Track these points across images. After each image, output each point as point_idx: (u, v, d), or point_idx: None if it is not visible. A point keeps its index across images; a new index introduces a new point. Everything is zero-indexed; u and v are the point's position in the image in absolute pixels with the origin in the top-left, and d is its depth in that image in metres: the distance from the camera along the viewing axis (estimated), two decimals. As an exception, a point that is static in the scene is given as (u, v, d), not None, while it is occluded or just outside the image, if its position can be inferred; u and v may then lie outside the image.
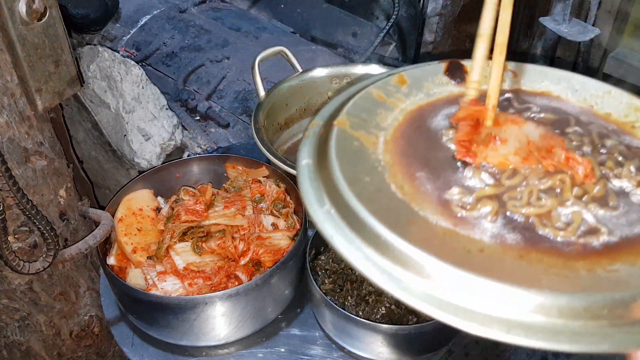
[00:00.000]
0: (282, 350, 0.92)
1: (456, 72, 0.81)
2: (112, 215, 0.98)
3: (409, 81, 0.78)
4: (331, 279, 0.97)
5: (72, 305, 1.11)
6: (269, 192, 1.02)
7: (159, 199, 1.05)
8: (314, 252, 0.99)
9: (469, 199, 0.62)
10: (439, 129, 0.73)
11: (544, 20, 1.70)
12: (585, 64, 2.03)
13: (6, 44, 0.80)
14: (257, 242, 0.93)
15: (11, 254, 0.84)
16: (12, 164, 0.87)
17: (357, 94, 0.75)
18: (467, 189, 0.63)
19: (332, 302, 0.86)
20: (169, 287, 0.88)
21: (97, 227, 0.95)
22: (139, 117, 1.46)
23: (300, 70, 1.24)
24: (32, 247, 0.94)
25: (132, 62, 1.47)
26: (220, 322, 0.87)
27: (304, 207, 0.61)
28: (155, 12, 1.78)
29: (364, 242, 0.56)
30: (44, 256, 0.89)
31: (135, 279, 0.91)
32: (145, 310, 0.89)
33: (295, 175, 1.00)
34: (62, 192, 0.98)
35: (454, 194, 0.62)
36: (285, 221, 0.98)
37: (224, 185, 1.07)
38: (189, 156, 1.30)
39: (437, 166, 0.67)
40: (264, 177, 1.05)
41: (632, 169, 0.66)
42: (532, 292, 0.50)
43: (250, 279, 0.89)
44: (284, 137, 1.27)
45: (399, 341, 0.86)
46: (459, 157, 0.68)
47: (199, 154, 1.37)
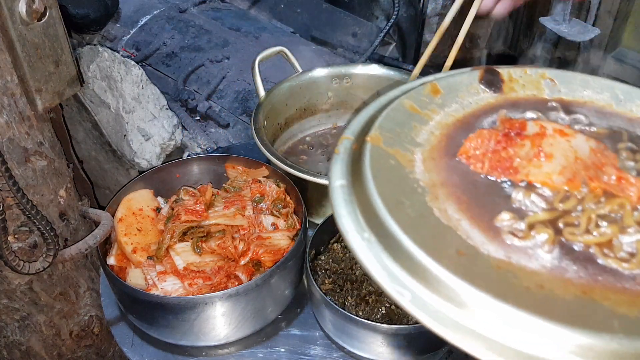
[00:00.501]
0: (282, 350, 0.92)
1: (492, 80, 0.75)
2: (112, 215, 0.98)
3: (443, 91, 0.73)
4: (331, 279, 0.97)
5: (72, 305, 1.11)
6: (269, 192, 1.02)
7: (159, 199, 1.05)
8: (314, 252, 0.99)
9: (521, 225, 0.56)
10: None
11: (544, 20, 1.70)
12: (585, 64, 2.03)
13: (6, 44, 0.80)
14: (257, 242, 0.93)
15: (11, 254, 0.84)
16: (12, 164, 0.87)
17: (388, 106, 0.69)
18: (518, 214, 0.57)
19: (332, 302, 0.86)
20: (169, 287, 0.88)
21: (97, 227, 0.95)
22: (139, 117, 1.46)
23: (300, 70, 1.24)
24: (32, 247, 0.94)
25: (132, 62, 1.47)
26: (220, 322, 0.87)
27: (340, 233, 0.58)
28: (155, 12, 1.78)
29: (410, 276, 0.50)
30: (44, 256, 0.89)
31: (135, 279, 0.91)
32: (145, 310, 0.89)
33: (294, 175, 1.01)
34: (62, 192, 0.98)
35: (505, 220, 0.56)
36: (285, 221, 0.98)
37: (224, 185, 1.07)
38: (189, 156, 1.30)
39: (481, 187, 0.61)
40: (264, 177, 1.05)
41: None
42: (605, 338, 0.44)
43: (250, 279, 0.89)
44: (284, 137, 1.27)
45: (399, 341, 0.86)
46: (488, 172, 0.62)
47: (199, 154, 1.37)
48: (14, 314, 1.04)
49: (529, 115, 0.70)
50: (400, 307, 0.50)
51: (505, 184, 0.61)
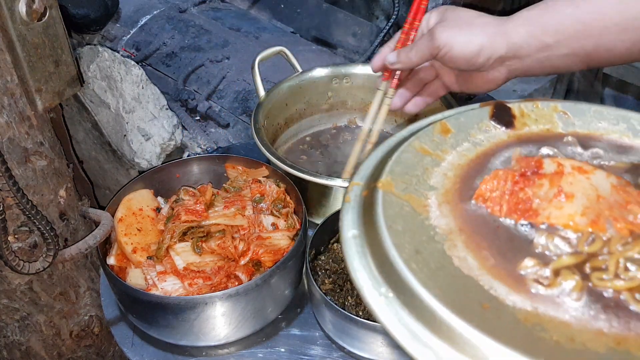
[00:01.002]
0: (282, 350, 0.92)
1: (504, 117, 0.72)
2: (112, 215, 0.98)
3: (453, 130, 0.70)
4: (331, 279, 0.97)
5: (72, 305, 1.11)
6: (269, 192, 1.02)
7: (159, 199, 1.05)
8: (314, 252, 0.99)
9: (546, 272, 0.53)
10: None
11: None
12: (585, 64, 2.02)
13: (6, 44, 0.80)
14: (257, 242, 0.93)
15: (11, 254, 0.84)
16: (12, 164, 0.87)
17: (398, 148, 0.66)
18: (542, 259, 0.54)
19: (332, 302, 0.86)
20: (169, 287, 0.88)
21: (97, 227, 0.95)
22: (139, 117, 1.46)
23: (300, 70, 1.24)
24: (32, 247, 0.94)
25: (132, 62, 1.47)
26: (220, 322, 0.87)
27: (356, 288, 0.56)
28: (155, 12, 1.79)
29: (433, 334, 0.48)
30: (44, 256, 0.89)
31: (135, 279, 0.90)
32: (145, 310, 0.89)
33: (294, 175, 1.01)
34: (62, 192, 0.98)
35: (529, 267, 0.54)
36: (285, 221, 0.98)
37: (224, 185, 1.07)
38: (189, 156, 1.30)
39: (501, 231, 0.58)
40: (264, 177, 1.05)
41: None
42: None
43: (250, 279, 0.89)
44: (284, 137, 1.27)
45: (399, 341, 0.86)
46: (507, 215, 0.59)
47: (199, 154, 1.37)
48: (14, 314, 1.04)
49: (545, 151, 0.67)
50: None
51: (525, 227, 0.58)
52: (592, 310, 0.50)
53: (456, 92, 0.96)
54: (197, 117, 1.56)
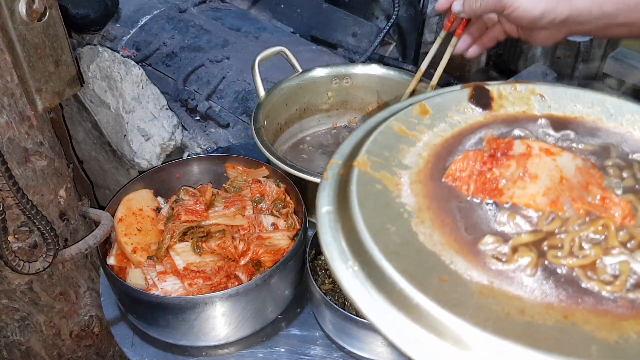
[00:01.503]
0: (282, 350, 0.92)
1: (481, 98, 0.74)
2: (112, 215, 0.98)
3: (432, 111, 0.72)
4: (331, 279, 0.97)
5: (72, 305, 1.11)
6: (269, 192, 1.02)
7: (159, 199, 1.05)
8: (314, 252, 0.99)
9: (505, 249, 0.55)
10: None
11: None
12: (585, 64, 2.03)
13: (6, 44, 0.80)
14: (257, 242, 0.93)
15: (11, 254, 0.84)
16: (12, 164, 0.87)
17: (376, 129, 0.68)
18: (502, 237, 0.56)
19: (332, 302, 0.86)
20: (169, 287, 0.88)
21: (97, 227, 0.95)
22: (139, 117, 1.46)
23: (300, 70, 1.24)
24: (32, 247, 0.94)
25: (132, 62, 1.47)
26: (220, 322, 0.87)
27: (326, 261, 0.59)
28: (155, 12, 1.78)
29: (392, 305, 0.50)
30: (44, 256, 0.89)
31: (135, 279, 0.91)
32: (145, 310, 0.89)
33: (294, 175, 1.01)
34: (62, 192, 0.98)
35: (488, 244, 0.56)
36: (285, 221, 0.98)
37: (224, 185, 1.07)
38: (189, 156, 1.30)
39: (466, 209, 0.60)
40: (264, 177, 1.05)
41: None
42: None
43: (250, 279, 0.89)
44: (284, 137, 1.27)
45: (399, 341, 0.86)
46: (474, 194, 0.61)
47: (199, 154, 1.37)
48: (14, 314, 1.04)
49: (516, 133, 0.69)
50: (386, 339, 0.49)
51: (490, 206, 0.60)
52: (544, 285, 0.52)
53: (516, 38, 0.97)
54: (197, 117, 1.56)
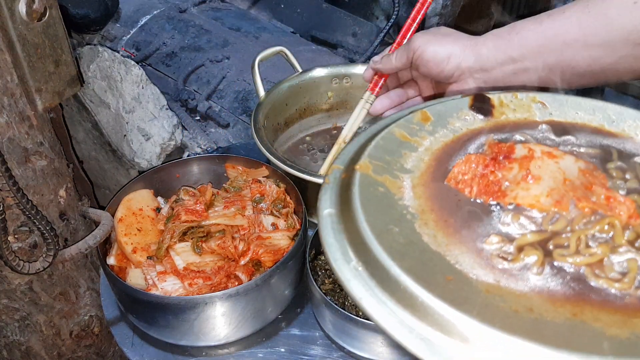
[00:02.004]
0: (282, 350, 0.92)
1: (482, 106, 0.75)
2: (112, 215, 0.98)
3: (433, 117, 0.73)
4: (331, 279, 0.97)
5: (72, 305, 1.11)
6: (269, 192, 1.02)
7: (159, 199, 1.05)
8: (314, 252, 0.99)
9: (510, 248, 0.56)
10: None
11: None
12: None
13: (6, 44, 0.80)
14: (257, 242, 0.93)
15: (11, 254, 0.84)
16: (12, 164, 0.87)
17: (378, 134, 0.69)
18: (507, 237, 0.57)
19: (332, 302, 0.86)
20: (169, 287, 0.88)
21: (97, 227, 0.95)
22: (139, 117, 1.46)
23: (300, 70, 1.24)
24: (32, 247, 0.94)
25: (132, 62, 1.47)
26: (220, 322, 0.87)
27: (328, 262, 0.58)
28: (155, 12, 1.79)
29: (397, 303, 0.50)
30: (44, 256, 0.89)
31: (135, 279, 0.90)
32: (145, 310, 0.89)
33: (294, 175, 1.01)
34: (62, 192, 0.98)
35: (493, 243, 0.56)
36: (285, 221, 0.98)
37: (224, 185, 1.07)
38: (189, 156, 1.30)
39: (470, 211, 0.61)
40: (264, 177, 1.05)
41: None
42: None
43: (250, 279, 0.89)
44: (284, 137, 1.27)
45: (399, 341, 0.86)
46: (477, 196, 0.61)
47: (199, 154, 1.37)
48: (14, 314, 1.04)
49: (517, 138, 0.70)
50: (391, 337, 0.49)
51: (494, 207, 0.61)
52: (552, 283, 0.52)
53: None
54: (197, 117, 1.56)
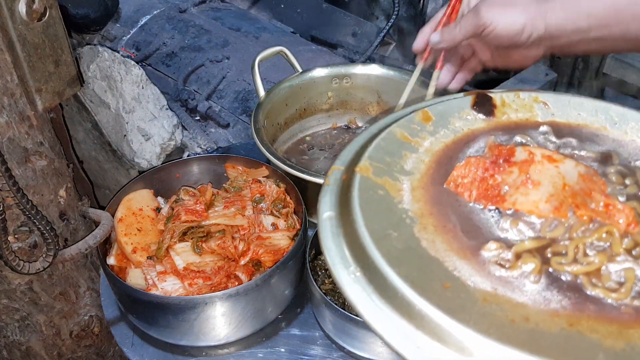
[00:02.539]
0: (282, 350, 0.92)
1: (484, 106, 0.74)
2: (112, 215, 0.98)
3: (434, 117, 0.72)
4: (331, 279, 0.97)
5: (72, 305, 1.11)
6: (269, 192, 1.02)
7: (159, 199, 1.05)
8: (314, 252, 0.99)
9: (508, 255, 0.55)
10: None
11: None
12: (585, 63, 2.03)
13: (6, 44, 0.80)
14: (257, 242, 0.93)
15: (11, 254, 0.84)
16: (12, 164, 0.87)
17: (379, 135, 0.68)
18: (505, 243, 0.56)
19: (332, 302, 0.86)
20: (169, 287, 0.88)
21: (97, 227, 0.95)
22: (139, 117, 1.46)
23: (300, 70, 1.24)
24: (32, 247, 0.94)
25: (132, 62, 1.47)
26: (220, 322, 0.87)
27: (327, 266, 0.59)
28: (155, 12, 1.79)
29: (394, 310, 0.49)
30: (44, 256, 0.89)
31: (135, 279, 0.91)
32: (145, 310, 0.89)
33: (294, 175, 1.01)
34: (62, 192, 0.98)
35: (492, 250, 0.56)
36: (285, 221, 0.98)
37: (224, 185, 1.07)
38: (189, 156, 1.30)
39: (469, 216, 0.60)
40: (264, 177, 1.05)
41: None
42: None
43: (250, 279, 0.89)
44: (284, 137, 1.27)
45: (399, 341, 0.86)
46: (476, 201, 0.61)
47: (199, 154, 1.37)
48: (14, 314, 1.04)
49: (518, 139, 0.69)
50: (388, 345, 0.49)
51: (492, 212, 0.60)
52: (549, 292, 0.52)
53: (492, 69, 0.98)
54: (197, 117, 1.56)
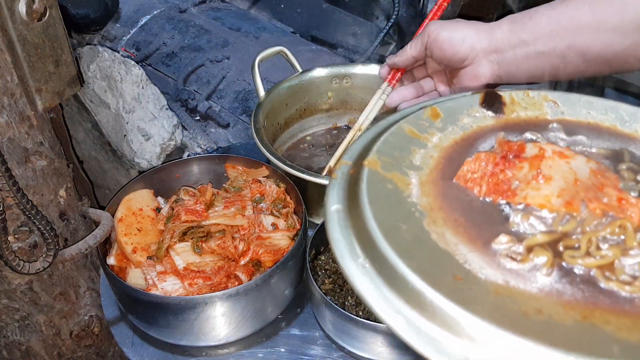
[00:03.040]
0: (282, 350, 0.92)
1: (493, 103, 0.74)
2: (112, 215, 0.98)
3: (443, 114, 0.72)
4: (331, 279, 0.97)
5: (72, 305, 1.11)
6: (269, 192, 1.02)
7: (159, 199, 1.05)
8: (314, 252, 0.99)
9: (520, 249, 0.55)
10: None
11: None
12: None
13: (6, 44, 0.80)
14: (257, 242, 0.93)
15: (11, 254, 0.84)
16: (12, 164, 0.87)
17: (387, 130, 0.68)
18: (517, 237, 0.56)
19: (332, 302, 0.86)
20: (169, 287, 0.88)
21: (97, 227, 0.95)
22: (139, 117, 1.46)
23: (300, 70, 1.24)
24: (32, 247, 0.94)
25: (132, 62, 1.47)
26: (220, 322, 0.87)
27: (335, 258, 0.60)
28: (155, 12, 1.79)
29: (404, 302, 0.49)
30: (44, 256, 0.89)
31: (135, 279, 0.91)
32: (145, 310, 0.89)
33: (294, 175, 1.01)
34: (62, 192, 0.98)
35: (502, 243, 0.55)
36: (285, 221, 0.98)
37: (224, 185, 1.07)
38: (189, 156, 1.30)
39: (479, 210, 0.60)
40: (264, 177, 1.05)
41: None
42: None
43: (250, 279, 0.89)
44: (284, 137, 1.27)
45: (399, 341, 0.86)
46: (486, 195, 0.60)
47: (199, 154, 1.37)
48: (14, 314, 1.04)
49: (528, 136, 0.69)
50: (397, 335, 0.48)
51: (503, 207, 0.60)
52: (561, 285, 0.52)
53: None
54: (197, 117, 1.56)
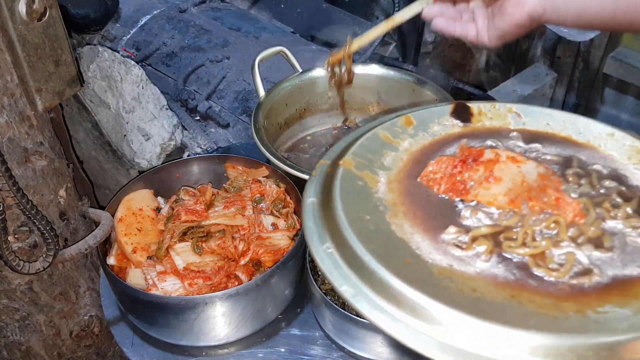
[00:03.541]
0: (282, 350, 0.92)
1: (462, 113, 0.83)
2: (112, 215, 0.98)
3: (416, 122, 0.81)
4: (331, 279, 0.97)
5: (72, 305, 1.11)
6: (269, 192, 1.02)
7: (159, 199, 1.05)
8: (314, 252, 0.99)
9: (465, 238, 0.64)
10: None
11: (544, 20, 1.69)
12: (585, 64, 2.03)
13: (6, 44, 0.80)
14: (257, 242, 0.93)
15: (11, 254, 0.84)
16: (12, 164, 0.87)
17: (364, 135, 0.77)
18: (465, 229, 0.65)
19: (332, 302, 0.86)
20: (169, 287, 0.88)
21: (97, 227, 0.95)
22: (139, 117, 1.46)
23: (300, 70, 1.24)
24: (32, 247, 0.94)
25: (132, 62, 1.47)
26: (220, 322, 0.87)
27: (306, 243, 0.67)
28: (155, 12, 1.78)
29: (359, 279, 0.58)
30: (44, 256, 0.89)
31: (135, 279, 0.91)
32: (145, 310, 0.89)
33: (294, 175, 1.01)
34: (62, 192, 0.98)
35: (451, 233, 0.64)
36: (285, 221, 0.98)
37: (224, 185, 1.07)
38: (189, 156, 1.30)
39: (436, 206, 0.69)
40: (264, 177, 1.05)
41: (629, 210, 0.67)
42: (519, 332, 0.51)
43: (250, 279, 0.89)
44: (284, 137, 1.27)
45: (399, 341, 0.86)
46: (444, 193, 0.69)
47: (199, 154, 1.37)
48: (14, 314, 1.04)
49: (489, 143, 0.77)
50: (352, 307, 0.57)
51: (457, 203, 0.69)
52: (497, 269, 0.60)
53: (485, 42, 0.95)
54: (197, 117, 1.56)
